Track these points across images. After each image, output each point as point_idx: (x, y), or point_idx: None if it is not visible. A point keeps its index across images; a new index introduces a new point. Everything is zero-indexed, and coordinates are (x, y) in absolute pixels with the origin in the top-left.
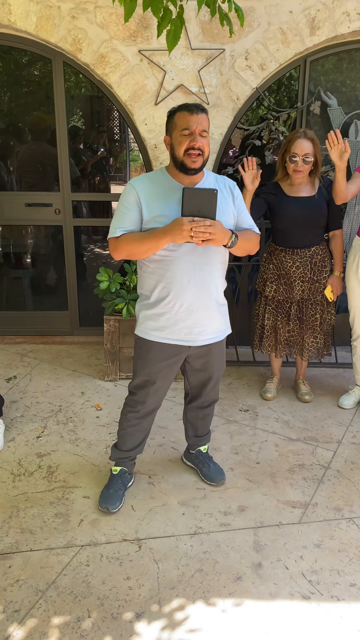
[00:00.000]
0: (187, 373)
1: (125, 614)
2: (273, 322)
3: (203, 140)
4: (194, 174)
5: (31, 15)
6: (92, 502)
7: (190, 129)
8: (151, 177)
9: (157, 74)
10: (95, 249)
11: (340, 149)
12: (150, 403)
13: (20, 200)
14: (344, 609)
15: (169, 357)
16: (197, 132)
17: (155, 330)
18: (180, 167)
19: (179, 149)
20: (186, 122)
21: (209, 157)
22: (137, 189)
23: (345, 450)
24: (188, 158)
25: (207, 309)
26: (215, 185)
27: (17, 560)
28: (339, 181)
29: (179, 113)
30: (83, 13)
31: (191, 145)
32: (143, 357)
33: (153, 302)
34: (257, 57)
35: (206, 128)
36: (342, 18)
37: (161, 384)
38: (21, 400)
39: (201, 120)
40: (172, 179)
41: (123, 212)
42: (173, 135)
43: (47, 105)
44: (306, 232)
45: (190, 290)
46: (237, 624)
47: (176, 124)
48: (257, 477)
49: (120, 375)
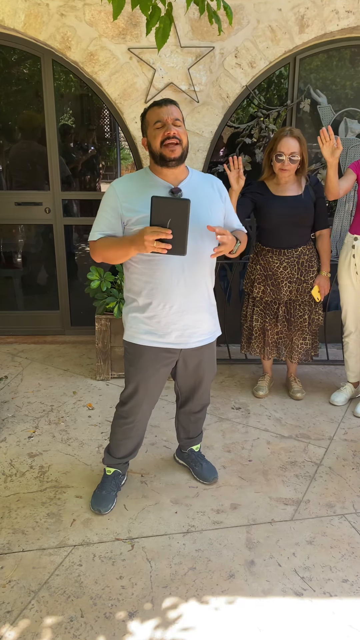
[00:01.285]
0: (177, 377)
1: (118, 614)
2: (261, 324)
3: (178, 129)
4: (175, 165)
5: (19, 12)
6: (84, 501)
7: (162, 120)
8: (134, 177)
9: (147, 72)
10: (86, 247)
11: (332, 146)
12: (142, 411)
13: (10, 199)
14: (336, 605)
15: (161, 361)
16: (170, 121)
17: (146, 334)
18: (160, 161)
19: (155, 143)
20: (157, 115)
21: (188, 147)
22: (117, 192)
23: (337, 447)
24: (166, 148)
25: (198, 309)
26: (201, 183)
27: (9, 560)
28: (331, 178)
29: (149, 111)
30: (72, 10)
31: (166, 134)
32: (134, 364)
33: (142, 305)
34: (247, 55)
35: (179, 117)
36: (331, 16)
37: (153, 390)
38: (12, 400)
39: (171, 110)
40: (155, 177)
41: (102, 215)
42: (148, 133)
43: (37, 103)
44: (293, 231)
45: (180, 291)
46: (230, 622)
47: (148, 121)
48: (249, 475)
49: (112, 375)
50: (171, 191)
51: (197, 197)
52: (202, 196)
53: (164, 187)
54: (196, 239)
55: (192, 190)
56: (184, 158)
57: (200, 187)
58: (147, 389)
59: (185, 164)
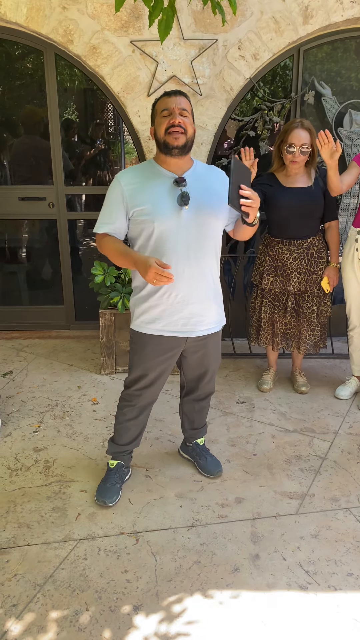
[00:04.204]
0: (183, 367)
1: (123, 607)
2: (270, 315)
3: (184, 118)
4: (179, 154)
5: (21, 6)
6: (89, 496)
7: (169, 109)
8: (138, 168)
9: (150, 65)
10: (90, 242)
11: (331, 148)
12: (146, 397)
13: (14, 194)
14: (341, 599)
15: (165, 351)
16: (176, 111)
17: (151, 323)
18: (165, 149)
19: (160, 130)
20: (165, 104)
21: (193, 138)
22: (122, 183)
23: (342, 440)
24: (169, 136)
25: (203, 298)
26: (205, 174)
27: (15, 554)
28: (332, 178)
29: (159, 100)
30: (74, 4)
31: (171, 122)
32: (139, 352)
33: (147, 294)
34: (250, 46)
35: (186, 108)
36: (336, 6)
37: (158, 378)
38: (17, 395)
39: (179, 101)
40: (159, 167)
41: (108, 207)
42: (155, 121)
43: (40, 98)
44: (302, 223)
45: (185, 280)
46: (234, 615)
47: (157, 109)
48: (254, 469)
49: (116, 369)
50: (176, 181)
51: (202, 187)
52: (206, 186)
53: (169, 177)
54: (200, 228)
55: (196, 181)
56: (188, 149)
57: (204, 177)
58: (151, 377)
59: (190, 155)
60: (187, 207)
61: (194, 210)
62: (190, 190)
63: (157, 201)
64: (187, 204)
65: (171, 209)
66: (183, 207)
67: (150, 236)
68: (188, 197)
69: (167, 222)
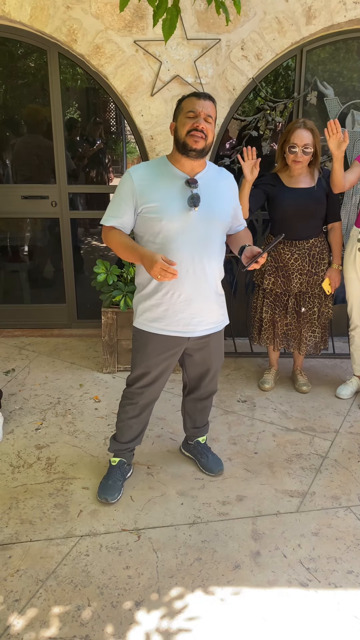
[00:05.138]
0: (185, 365)
1: (125, 603)
2: (271, 315)
3: (207, 125)
4: (196, 157)
5: (25, 5)
6: (91, 493)
7: (195, 111)
8: (151, 165)
9: (153, 64)
10: (93, 241)
11: (338, 139)
12: (148, 395)
13: (17, 192)
14: (341, 596)
15: (167, 350)
16: (202, 115)
17: (154, 322)
18: (182, 149)
19: (182, 130)
20: (192, 105)
21: (212, 145)
22: (134, 177)
23: (342, 439)
24: (190, 138)
25: (205, 299)
26: (216, 177)
27: (17, 550)
28: (337, 171)
29: (187, 99)
30: (78, 3)
31: (194, 126)
32: (141, 350)
33: (151, 292)
34: (253, 47)
35: (211, 114)
36: (339, 7)
37: (159, 376)
38: (20, 392)
39: (207, 105)
40: (172, 167)
41: (117, 201)
42: (179, 119)
43: (43, 97)
44: (305, 223)
45: (188, 280)
46: (235, 612)
47: (183, 107)
48: (255, 467)
49: (118, 368)
50: (187, 182)
51: (212, 190)
52: (216, 189)
53: (181, 178)
54: (208, 230)
55: (207, 183)
56: (205, 153)
57: (215, 180)
58: (153, 375)
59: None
60: (197, 208)
61: (202, 212)
62: (201, 192)
63: (167, 200)
64: (197, 205)
65: (181, 209)
66: (192, 209)
67: (157, 234)
68: (199, 199)
69: (176, 222)
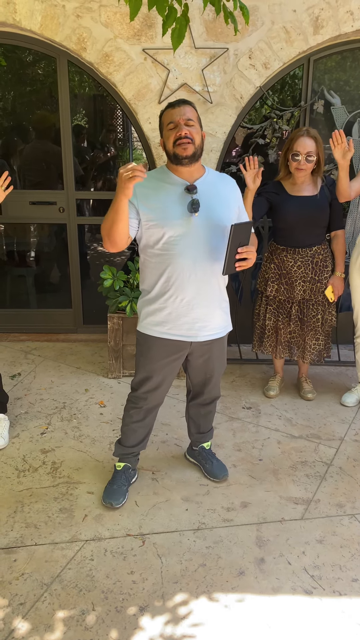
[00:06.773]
0: (188, 371)
1: (129, 608)
2: (274, 323)
3: (190, 128)
4: (189, 163)
5: (36, 14)
6: (96, 497)
7: (174, 121)
8: (151, 173)
9: (161, 72)
10: (99, 247)
11: (343, 148)
12: (152, 400)
13: (25, 198)
14: (345, 604)
15: (170, 354)
16: (182, 122)
17: (157, 326)
18: (175, 160)
19: (168, 143)
20: (170, 116)
21: (202, 146)
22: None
23: (347, 447)
24: (178, 147)
25: (208, 304)
26: (217, 182)
27: (22, 554)
28: (342, 180)
29: (164, 113)
30: (87, 12)
31: (177, 135)
32: (145, 354)
33: (154, 297)
34: (261, 56)
35: (191, 117)
36: (346, 17)
37: (163, 380)
38: (25, 397)
39: (184, 111)
40: (171, 174)
41: None
42: (163, 134)
43: (52, 104)
44: (308, 231)
45: (191, 285)
46: (239, 619)
47: (163, 122)
48: (259, 474)
49: (123, 373)
50: (187, 188)
51: (212, 194)
52: (217, 194)
53: (180, 184)
54: (209, 236)
55: (207, 188)
56: (198, 156)
57: (215, 185)
58: (156, 380)
59: (201, 162)
60: (197, 214)
61: (203, 218)
62: (200, 197)
63: (168, 207)
64: (197, 211)
65: (181, 215)
66: (193, 214)
67: (158, 240)
68: (198, 205)
69: (177, 228)
